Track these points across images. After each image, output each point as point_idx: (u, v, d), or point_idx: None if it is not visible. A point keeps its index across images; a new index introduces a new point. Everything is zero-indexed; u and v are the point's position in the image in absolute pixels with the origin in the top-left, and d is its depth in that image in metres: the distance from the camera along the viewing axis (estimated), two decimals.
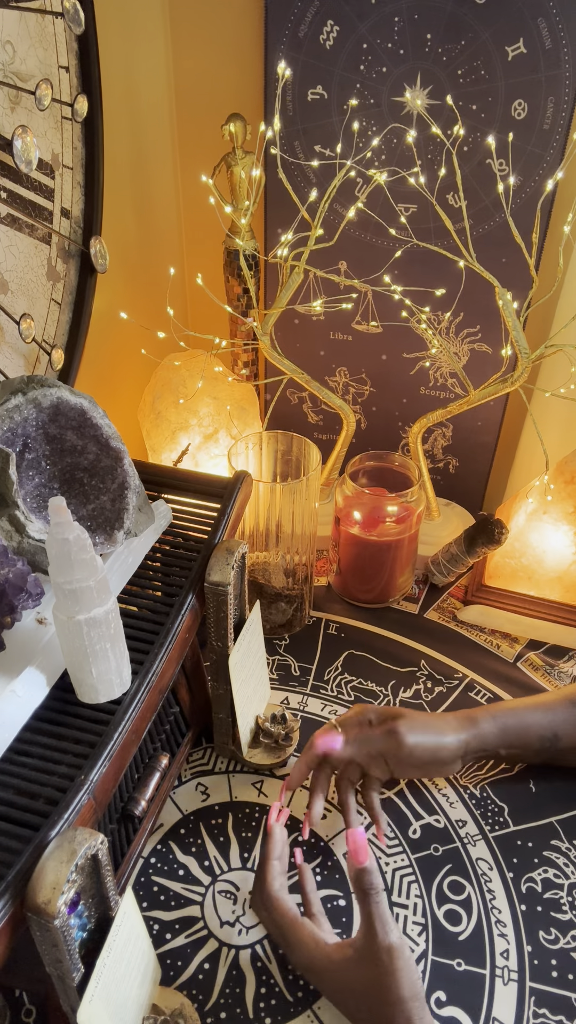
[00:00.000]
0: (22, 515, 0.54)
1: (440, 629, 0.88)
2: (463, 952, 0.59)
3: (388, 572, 0.88)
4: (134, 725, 0.51)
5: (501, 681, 0.81)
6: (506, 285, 0.77)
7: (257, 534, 0.81)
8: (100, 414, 0.59)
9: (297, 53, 0.82)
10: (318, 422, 1.07)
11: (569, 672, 0.83)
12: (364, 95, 0.82)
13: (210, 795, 0.70)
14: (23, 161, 0.63)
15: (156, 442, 0.94)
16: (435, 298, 0.89)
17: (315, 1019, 0.56)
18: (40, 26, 0.66)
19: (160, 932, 0.60)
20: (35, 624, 0.53)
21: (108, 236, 0.81)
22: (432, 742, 0.65)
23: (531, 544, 0.85)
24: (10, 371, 0.70)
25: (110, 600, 0.48)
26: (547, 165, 0.80)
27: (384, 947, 0.51)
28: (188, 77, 0.92)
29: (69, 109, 0.72)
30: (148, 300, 0.97)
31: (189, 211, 1.03)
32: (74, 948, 0.43)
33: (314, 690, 0.80)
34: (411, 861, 0.65)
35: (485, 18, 0.75)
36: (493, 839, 0.67)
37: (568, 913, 0.62)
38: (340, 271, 0.93)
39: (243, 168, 0.83)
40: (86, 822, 0.45)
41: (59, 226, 0.75)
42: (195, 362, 0.92)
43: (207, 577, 0.60)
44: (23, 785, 0.46)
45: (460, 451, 1.02)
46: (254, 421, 0.97)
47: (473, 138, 0.81)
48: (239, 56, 0.89)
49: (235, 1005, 0.56)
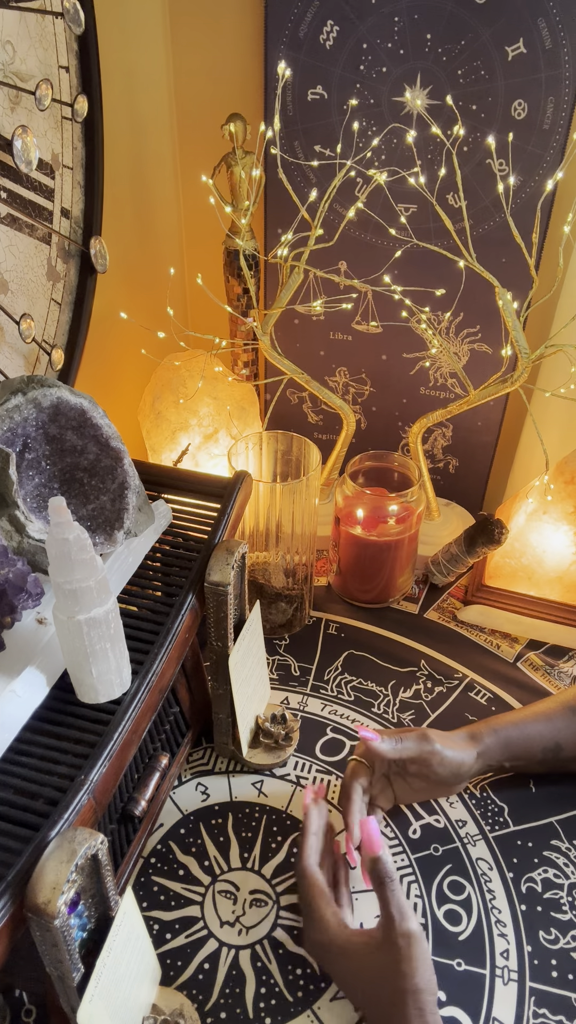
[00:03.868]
0: (22, 515, 0.54)
1: (440, 629, 0.88)
2: (463, 952, 0.59)
3: (388, 572, 0.88)
4: (134, 725, 0.51)
5: (501, 681, 0.81)
6: (506, 285, 0.77)
7: (257, 534, 0.81)
8: (100, 414, 0.59)
9: (297, 53, 0.82)
10: (318, 422, 1.07)
11: (569, 672, 0.82)
12: (364, 95, 0.82)
13: (210, 795, 0.70)
14: (23, 161, 0.63)
15: (156, 442, 0.94)
16: (435, 298, 0.89)
17: (315, 1019, 0.56)
18: (40, 26, 0.66)
19: (160, 932, 0.60)
20: (35, 624, 0.53)
21: (108, 236, 0.81)
22: (457, 756, 0.65)
23: (531, 544, 0.85)
24: (10, 371, 0.70)
25: (110, 600, 0.48)
26: (547, 165, 0.80)
27: (402, 933, 0.51)
28: (188, 77, 0.92)
29: (69, 109, 0.72)
30: (148, 300, 0.97)
31: (189, 211, 1.03)
32: (74, 948, 0.43)
33: (314, 690, 0.80)
34: (411, 861, 0.65)
35: (485, 18, 0.75)
36: (493, 839, 0.67)
37: (568, 913, 0.62)
38: (340, 271, 0.93)
39: (243, 168, 0.83)
40: (86, 822, 0.45)
41: (59, 226, 0.75)
42: (195, 362, 0.92)
43: (207, 577, 0.60)
44: (23, 785, 0.46)
45: (460, 451, 1.02)
46: (254, 421, 0.97)
47: (473, 138, 0.81)
48: (239, 56, 0.89)
49: (235, 1005, 0.56)
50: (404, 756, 0.65)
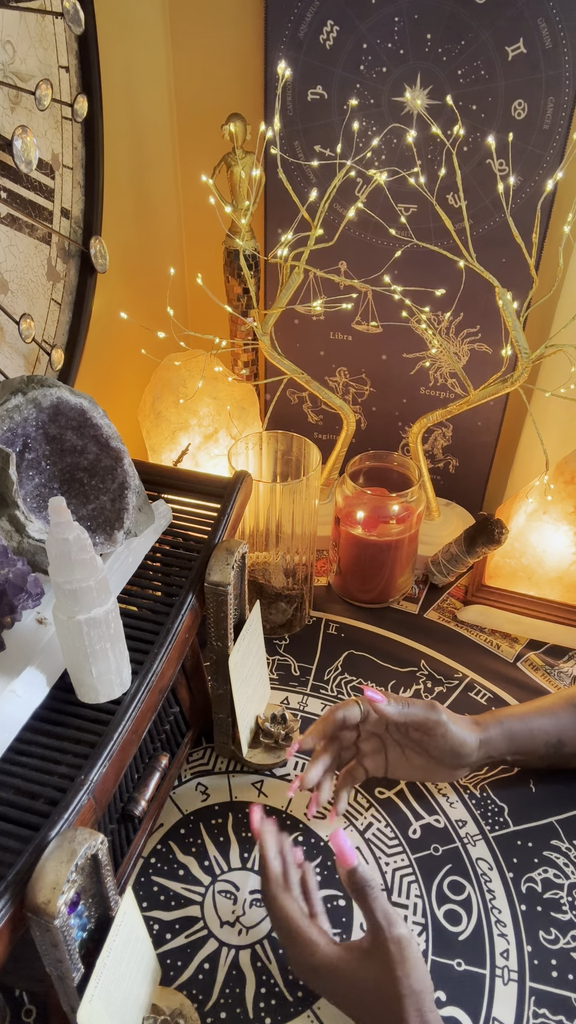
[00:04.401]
0: (22, 515, 0.54)
1: (440, 629, 0.88)
2: (463, 952, 0.59)
3: (388, 572, 0.88)
4: (134, 725, 0.51)
5: (501, 681, 0.81)
6: (506, 285, 0.77)
7: (257, 534, 0.81)
8: (100, 414, 0.59)
9: (297, 53, 0.82)
10: (318, 422, 1.07)
11: (569, 672, 0.83)
12: (364, 95, 0.82)
13: (210, 795, 0.70)
14: (23, 161, 0.63)
15: (156, 442, 0.94)
16: (435, 298, 0.89)
17: (315, 1019, 0.56)
18: (40, 26, 0.66)
19: (160, 932, 0.60)
20: (35, 624, 0.53)
21: (108, 236, 0.81)
22: (461, 734, 0.65)
23: (531, 544, 0.85)
24: (10, 371, 0.70)
25: (110, 600, 0.48)
26: (547, 165, 0.80)
27: (393, 939, 0.50)
28: (188, 77, 0.92)
29: (69, 109, 0.72)
30: (148, 300, 0.97)
31: (189, 211, 1.03)
32: (74, 948, 0.43)
33: (314, 690, 0.80)
34: (411, 861, 0.65)
35: (485, 18, 0.75)
36: (493, 839, 0.67)
37: (568, 913, 0.62)
38: (340, 271, 0.93)
39: (243, 168, 0.83)
40: (86, 822, 0.45)
41: (59, 226, 0.75)
42: (195, 362, 0.92)
43: (207, 577, 0.60)
44: (23, 785, 0.46)
45: (460, 451, 1.02)
46: (254, 421, 0.97)
47: (473, 138, 0.81)
48: (239, 56, 0.89)
49: (235, 1005, 0.56)
50: (409, 720, 0.64)
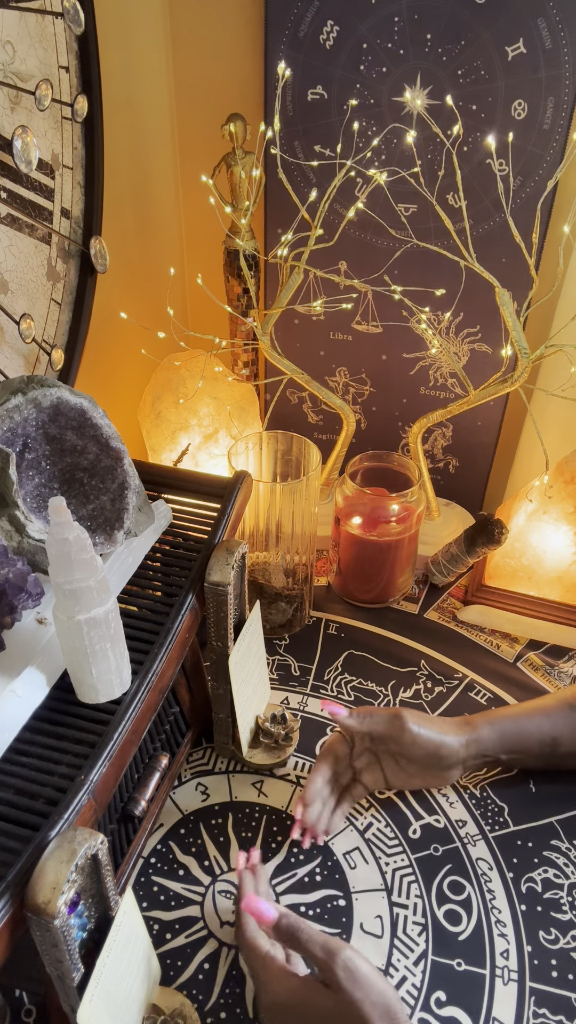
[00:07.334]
0: (22, 515, 0.54)
1: (440, 629, 0.88)
2: (463, 952, 0.59)
3: (388, 572, 0.88)
4: (134, 725, 0.51)
5: (501, 681, 0.81)
6: (506, 285, 0.77)
7: (257, 534, 0.81)
8: (100, 414, 0.59)
9: (297, 53, 0.82)
10: (318, 422, 1.07)
11: (569, 672, 0.83)
12: (364, 95, 0.82)
13: (210, 795, 0.70)
14: (23, 161, 0.63)
15: (156, 442, 0.94)
16: (435, 298, 0.89)
17: None
18: (40, 26, 0.66)
19: (160, 932, 0.60)
20: (35, 624, 0.53)
21: (108, 236, 0.81)
22: (434, 737, 0.65)
23: (531, 544, 0.85)
24: (10, 371, 0.70)
25: (110, 600, 0.48)
26: (547, 165, 0.80)
27: (340, 966, 0.48)
28: (188, 77, 0.92)
29: (69, 109, 0.72)
30: (148, 300, 0.97)
31: (189, 211, 1.03)
32: (74, 948, 0.43)
33: (314, 690, 0.80)
34: (411, 861, 0.65)
35: (485, 18, 0.75)
36: (493, 839, 0.67)
37: (568, 913, 0.62)
38: (340, 271, 0.93)
39: (243, 168, 0.83)
40: (86, 822, 0.45)
41: (59, 226, 0.75)
42: (195, 362, 0.92)
43: (207, 577, 0.60)
44: (23, 785, 0.46)
45: (460, 451, 1.02)
46: (254, 421, 0.97)
47: (473, 138, 0.81)
48: (239, 56, 0.89)
49: (235, 1005, 0.56)
50: (373, 731, 0.65)
